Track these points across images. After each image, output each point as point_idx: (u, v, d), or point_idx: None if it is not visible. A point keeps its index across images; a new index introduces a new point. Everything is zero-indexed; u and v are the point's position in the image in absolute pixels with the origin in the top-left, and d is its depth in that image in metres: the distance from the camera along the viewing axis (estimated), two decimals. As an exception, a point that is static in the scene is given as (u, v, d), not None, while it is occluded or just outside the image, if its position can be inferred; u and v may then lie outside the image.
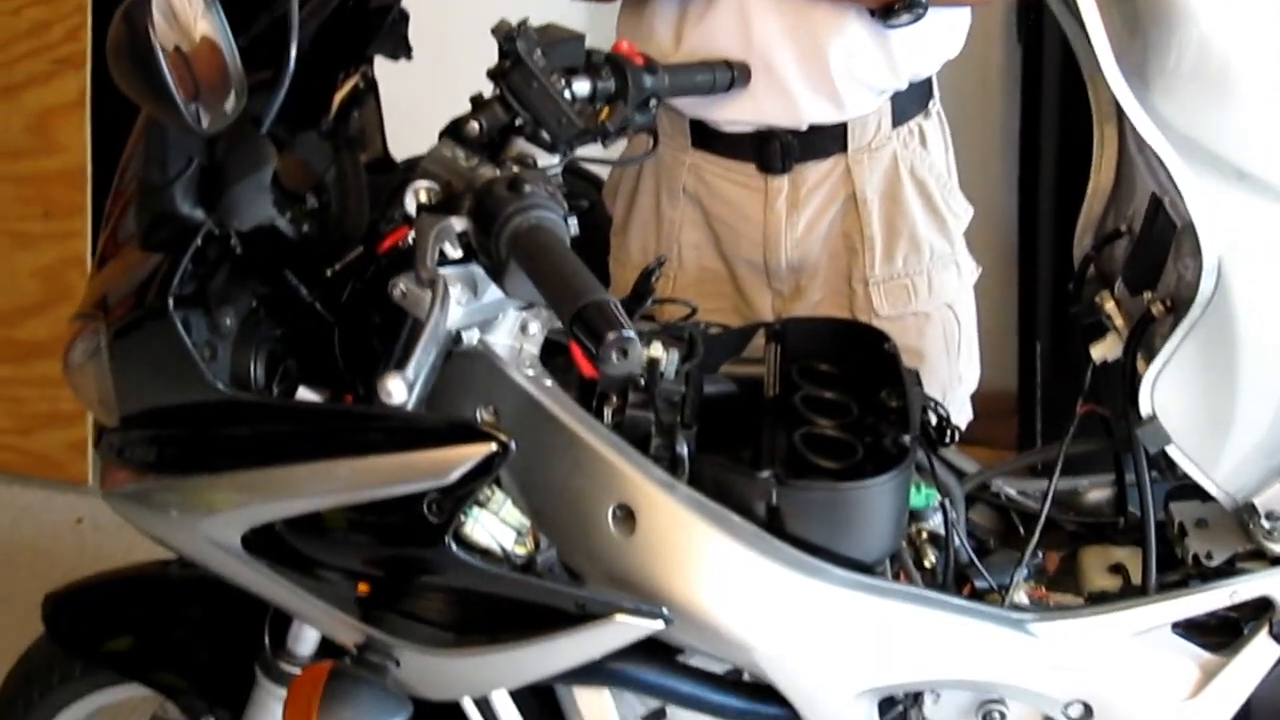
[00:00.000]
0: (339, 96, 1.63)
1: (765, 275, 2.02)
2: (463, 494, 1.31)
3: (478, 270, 1.32)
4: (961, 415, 2.10)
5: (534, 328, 1.44)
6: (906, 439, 1.44)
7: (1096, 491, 1.69)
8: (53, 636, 1.75)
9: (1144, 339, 1.44)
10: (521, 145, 1.47)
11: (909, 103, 1.94)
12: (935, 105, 2.00)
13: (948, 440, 1.66)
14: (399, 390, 1.20)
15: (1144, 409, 1.40)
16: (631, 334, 1.09)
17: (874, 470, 1.41)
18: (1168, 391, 1.38)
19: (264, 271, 1.47)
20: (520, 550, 1.38)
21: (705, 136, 1.98)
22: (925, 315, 2.00)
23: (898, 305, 1.98)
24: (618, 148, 1.70)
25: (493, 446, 1.30)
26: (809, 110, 1.88)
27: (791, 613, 1.37)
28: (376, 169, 1.63)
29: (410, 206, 1.31)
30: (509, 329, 1.43)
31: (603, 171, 2.25)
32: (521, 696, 1.53)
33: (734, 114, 1.92)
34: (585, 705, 1.49)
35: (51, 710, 1.79)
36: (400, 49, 1.65)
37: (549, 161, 1.47)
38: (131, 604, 1.76)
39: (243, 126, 1.27)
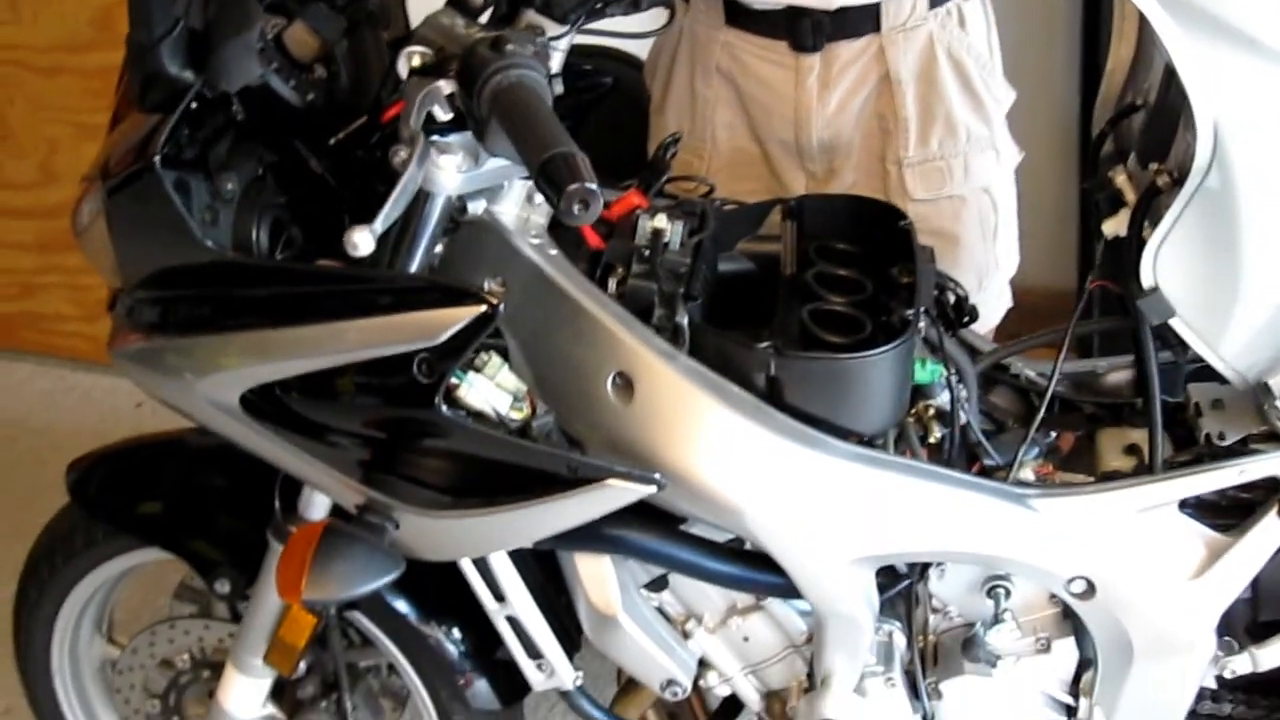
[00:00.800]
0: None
1: (798, 156, 2.00)
2: (453, 355, 1.31)
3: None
4: (1000, 301, 2.09)
5: (539, 198, 1.44)
6: (910, 312, 1.42)
7: (1116, 373, 1.66)
8: (77, 502, 1.79)
9: (1150, 211, 1.40)
10: (531, 16, 1.45)
11: None
12: None
13: (965, 320, 1.64)
14: (365, 242, 1.22)
15: (1145, 280, 1.37)
16: (594, 187, 1.09)
17: (881, 345, 1.39)
18: (1170, 263, 1.35)
19: (271, 139, 1.47)
20: (516, 415, 1.38)
21: (738, 14, 1.95)
22: (960, 199, 1.97)
23: (932, 188, 1.96)
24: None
25: (482, 308, 1.30)
26: None
27: (785, 480, 1.37)
28: (399, 46, 1.63)
29: (403, 72, 1.31)
30: (516, 199, 1.42)
31: (643, 52, 2.23)
32: (523, 561, 1.54)
33: None
34: (585, 570, 1.51)
35: (76, 575, 1.85)
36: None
37: (558, 31, 1.46)
38: (153, 471, 1.80)
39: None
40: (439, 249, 1.40)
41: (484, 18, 1.46)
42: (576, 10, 1.43)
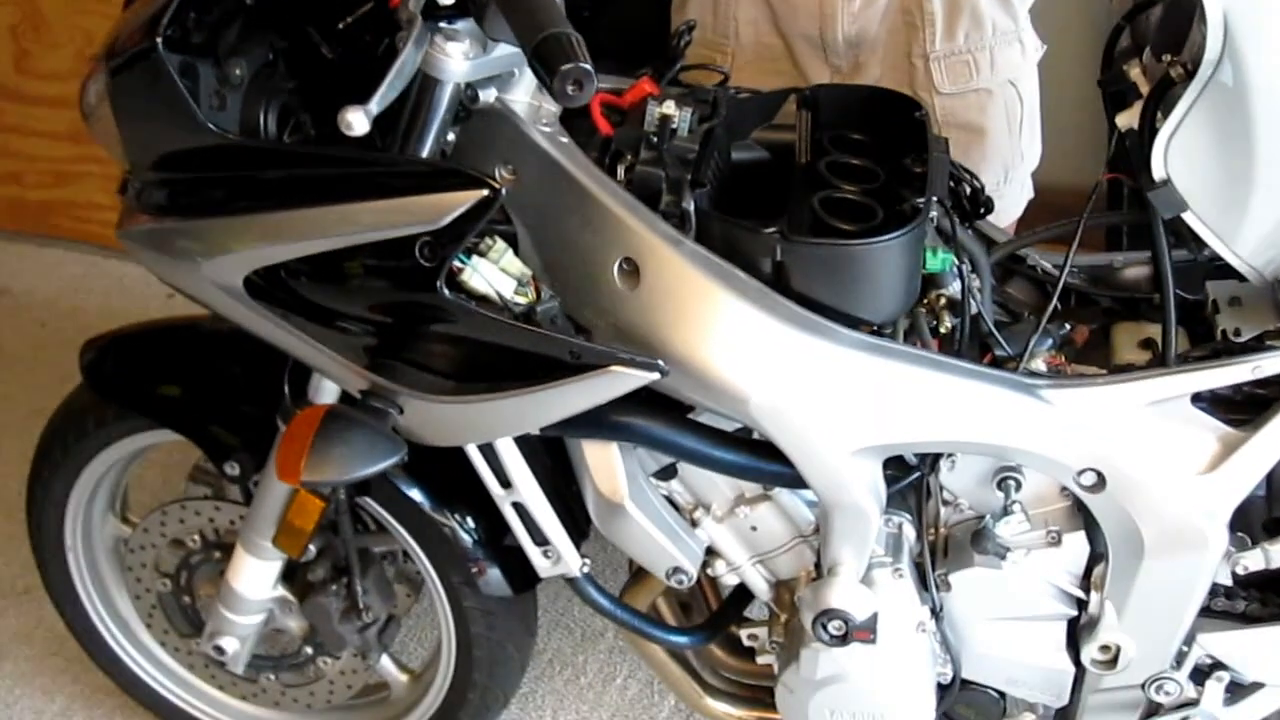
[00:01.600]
0: None
1: (823, 50, 1.96)
2: (455, 240, 1.30)
3: None
4: (1022, 193, 2.07)
5: None
6: (920, 201, 1.40)
7: (1132, 268, 1.63)
8: (89, 382, 1.80)
9: (1163, 104, 1.37)
10: None
11: None
12: None
13: (981, 210, 1.62)
14: (359, 122, 1.20)
15: (1156, 172, 1.34)
16: (587, 66, 1.07)
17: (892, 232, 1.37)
18: (1181, 155, 1.32)
19: (284, 25, 1.45)
20: (521, 300, 1.37)
21: None
22: (987, 92, 1.95)
23: (959, 81, 1.93)
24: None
25: (484, 192, 1.28)
26: None
27: (790, 367, 1.36)
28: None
29: None
30: (527, 87, 1.40)
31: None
32: (531, 448, 1.54)
33: None
34: (593, 458, 1.51)
35: (87, 455, 1.86)
36: None
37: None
38: (167, 354, 1.80)
39: None
40: (451, 137, 1.39)
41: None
42: None
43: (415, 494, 1.72)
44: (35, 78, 3.33)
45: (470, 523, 1.73)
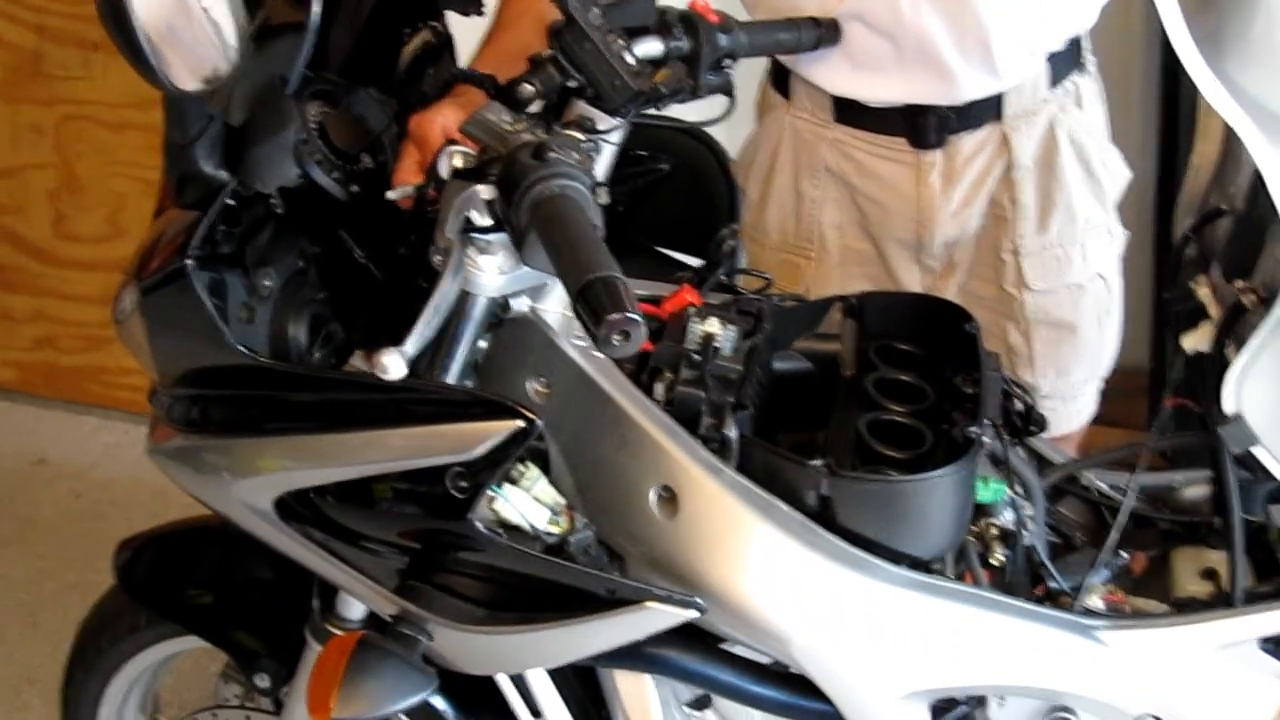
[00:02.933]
0: (407, 52, 1.59)
1: (916, 252, 1.94)
2: (488, 469, 1.26)
3: None
4: (1095, 396, 2.04)
5: None
6: (974, 430, 1.35)
7: (1194, 488, 1.56)
8: (123, 586, 1.77)
9: (1235, 331, 1.32)
10: (582, 108, 1.41)
11: (1064, 61, 1.84)
12: (1089, 59, 1.89)
13: (1033, 429, 1.56)
14: (395, 366, 1.17)
15: (1227, 406, 1.28)
16: (636, 317, 1.03)
17: (941, 460, 1.32)
18: (1254, 389, 1.26)
19: (315, 229, 1.45)
20: (554, 529, 1.33)
21: (850, 111, 1.89)
22: (1079, 287, 1.92)
23: (1050, 277, 1.90)
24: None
25: (519, 423, 1.25)
26: (967, 85, 1.79)
27: (835, 607, 1.30)
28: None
29: (444, 171, 1.27)
30: (561, 297, 1.37)
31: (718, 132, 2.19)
32: (562, 675, 1.49)
33: (885, 94, 1.84)
34: (625, 689, 1.45)
35: (121, 658, 1.83)
36: (470, 4, 1.60)
37: (610, 124, 1.41)
38: (199, 557, 1.77)
39: (270, 86, 1.24)
40: (483, 344, 1.36)
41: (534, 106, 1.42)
42: (628, 104, 1.39)
43: (441, 704, 1.67)
44: (70, 241, 3.39)
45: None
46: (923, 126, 1.84)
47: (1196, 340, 1.36)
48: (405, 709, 1.33)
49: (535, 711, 1.50)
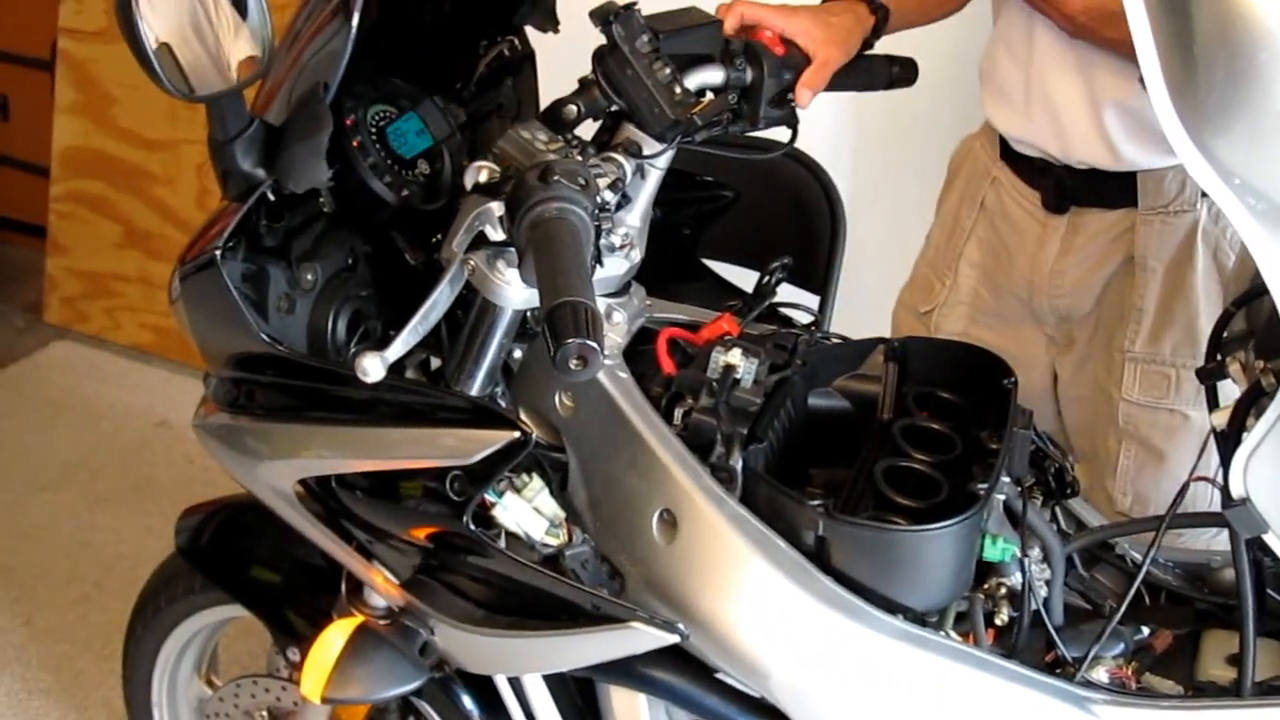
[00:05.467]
0: (483, 64, 1.63)
1: (1035, 316, 1.91)
2: (484, 478, 1.30)
3: None
4: None
5: (617, 316, 1.42)
6: (980, 487, 1.33)
7: (1232, 569, 1.51)
8: (181, 551, 1.85)
9: (1255, 411, 1.28)
10: (631, 131, 1.43)
11: None
12: None
13: (1067, 492, 1.53)
14: (375, 369, 1.20)
15: (1234, 489, 1.24)
16: (594, 345, 1.05)
17: (949, 514, 1.31)
18: (1261, 474, 1.22)
19: (369, 229, 1.49)
20: (551, 541, 1.36)
21: (1008, 151, 1.88)
22: (1182, 415, 1.82)
23: (1151, 393, 1.82)
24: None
25: (515, 434, 1.28)
26: (1079, 147, 1.76)
27: (820, 649, 1.30)
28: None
29: (469, 185, 1.30)
30: None
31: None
32: (562, 684, 1.51)
33: (1010, 126, 1.83)
34: (618, 704, 1.47)
35: (176, 619, 1.91)
36: (548, 22, 1.64)
37: (655, 149, 1.44)
38: (254, 533, 1.83)
39: (313, 91, 1.29)
40: (518, 354, 1.40)
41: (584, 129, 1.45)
42: (669, 131, 1.41)
43: (466, 700, 1.70)
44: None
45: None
46: (1047, 185, 1.81)
47: (1221, 418, 1.32)
48: (392, 698, 1.37)
49: (531, 717, 1.52)
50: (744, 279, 1.73)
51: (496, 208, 1.25)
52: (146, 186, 3.57)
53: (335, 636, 1.39)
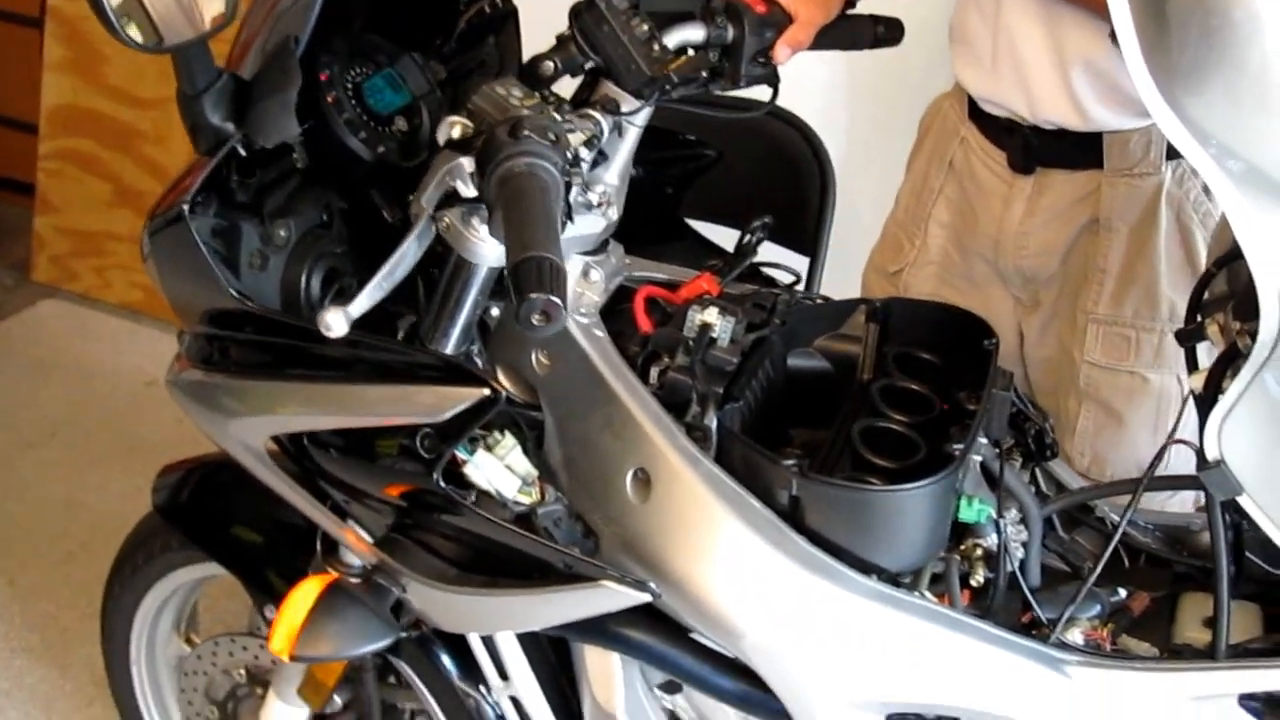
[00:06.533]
0: (464, 21, 1.61)
1: (1001, 277, 1.91)
2: (453, 436, 1.28)
3: None
4: None
5: (595, 275, 1.41)
6: (955, 447, 1.32)
7: (1210, 532, 1.51)
8: (158, 509, 1.84)
9: (1230, 373, 1.26)
10: (609, 88, 1.42)
11: None
12: None
13: (1046, 454, 1.52)
14: (338, 324, 1.19)
15: (1209, 451, 1.23)
16: (558, 301, 1.04)
17: (925, 475, 1.30)
18: (1235, 436, 1.21)
19: (346, 185, 1.48)
20: (524, 499, 1.35)
21: (976, 111, 1.87)
22: (1141, 378, 1.82)
23: (1112, 355, 1.82)
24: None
25: (484, 392, 1.27)
26: (1046, 107, 1.75)
27: (792, 608, 1.29)
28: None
29: (441, 141, 1.28)
30: (573, 274, 1.39)
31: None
32: (536, 643, 1.51)
33: (978, 85, 1.82)
34: (592, 663, 1.47)
35: (153, 576, 1.90)
36: (530, -23, 1.61)
37: (633, 106, 1.42)
38: (231, 491, 1.82)
39: (283, 44, 1.27)
40: (495, 312, 1.38)
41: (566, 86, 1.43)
42: (646, 88, 1.39)
43: (445, 660, 1.70)
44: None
45: (494, 697, 1.70)
46: (1013, 145, 1.80)
47: (1197, 380, 1.31)
48: (362, 655, 1.36)
49: (504, 676, 1.52)
50: (730, 239, 1.71)
51: (467, 163, 1.23)
52: (137, 145, 3.54)
53: (306, 594, 1.38)
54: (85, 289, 3.72)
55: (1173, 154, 1.73)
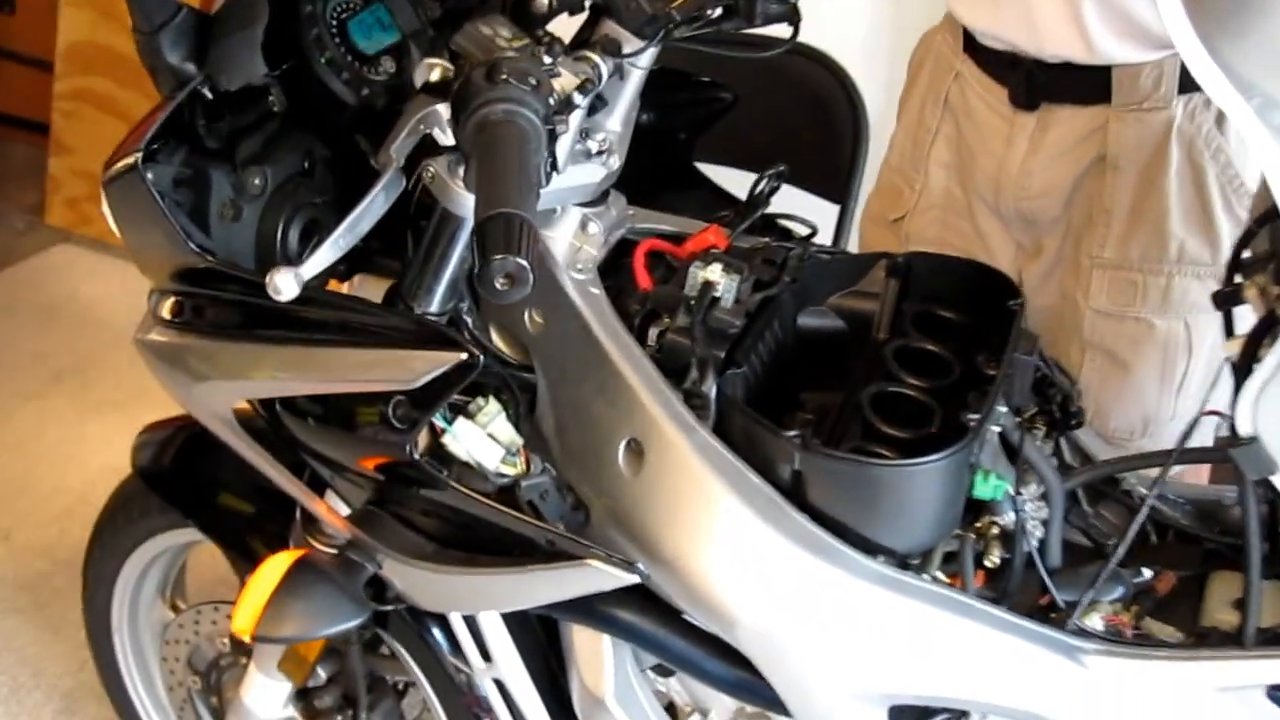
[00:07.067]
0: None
1: (1002, 220, 1.81)
2: (429, 403, 1.20)
3: None
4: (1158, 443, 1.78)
5: (594, 228, 1.31)
6: (971, 417, 1.23)
7: (1245, 508, 1.41)
8: (138, 471, 1.77)
9: (1269, 341, 1.16)
10: (610, 28, 1.32)
11: None
12: None
13: (1072, 423, 1.43)
14: (288, 286, 1.10)
15: (1242, 427, 1.13)
16: (523, 262, 0.94)
17: (939, 447, 1.21)
18: (1272, 411, 1.11)
19: (329, 130, 1.38)
20: (507, 470, 1.26)
21: (972, 44, 1.77)
22: (1148, 324, 1.72)
23: (1118, 301, 1.72)
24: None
25: (462, 356, 1.18)
26: (1050, 39, 1.65)
27: (790, 591, 1.21)
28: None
29: (419, 84, 1.19)
30: (570, 226, 1.30)
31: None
32: (523, 622, 1.43)
33: (976, 20, 1.72)
34: (580, 645, 1.39)
35: (133, 541, 1.84)
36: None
37: (634, 47, 1.32)
38: (214, 455, 1.74)
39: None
40: None
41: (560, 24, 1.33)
42: (652, 25, 1.29)
43: (436, 634, 1.62)
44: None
45: (476, 679, 1.62)
46: (1015, 81, 1.71)
47: (1233, 347, 1.21)
48: (330, 635, 1.29)
49: (487, 656, 1.44)
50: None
51: (444, 109, 1.14)
52: (156, 84, 3.45)
53: (272, 570, 1.30)
54: (100, 233, 3.62)
55: (1185, 87, 1.63)
